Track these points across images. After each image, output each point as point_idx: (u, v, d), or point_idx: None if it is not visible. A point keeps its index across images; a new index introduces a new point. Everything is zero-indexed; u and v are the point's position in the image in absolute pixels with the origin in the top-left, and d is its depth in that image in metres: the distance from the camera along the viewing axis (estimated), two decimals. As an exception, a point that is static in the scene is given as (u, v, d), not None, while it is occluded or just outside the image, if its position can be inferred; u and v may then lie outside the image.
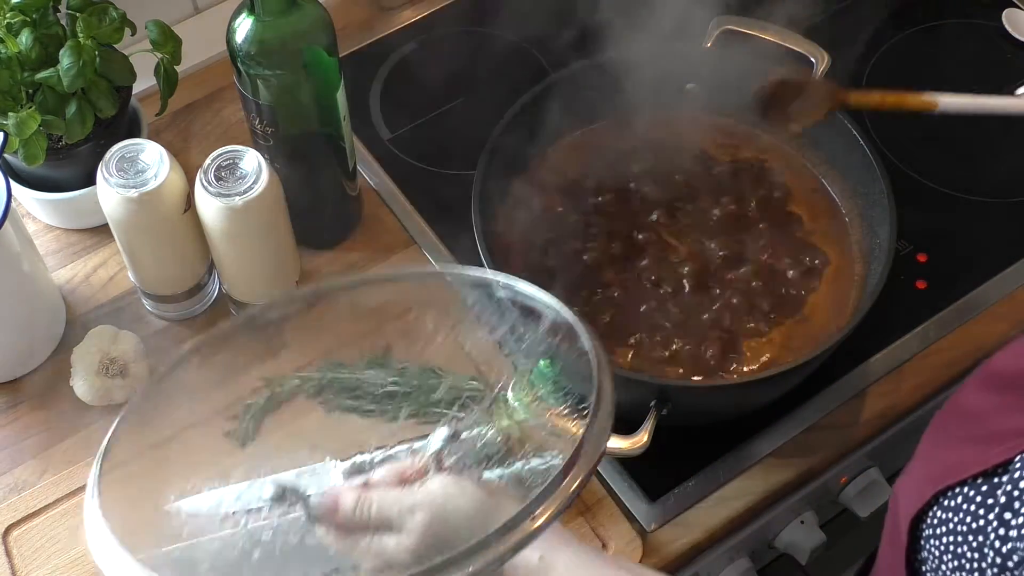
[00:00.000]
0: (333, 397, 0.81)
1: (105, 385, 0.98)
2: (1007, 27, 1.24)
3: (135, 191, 0.92)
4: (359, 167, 1.10)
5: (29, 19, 0.99)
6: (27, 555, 0.93)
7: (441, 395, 0.78)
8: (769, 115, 1.02)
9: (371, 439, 0.76)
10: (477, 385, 0.78)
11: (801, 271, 1.01)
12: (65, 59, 0.97)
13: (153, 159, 0.93)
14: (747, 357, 0.97)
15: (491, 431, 0.74)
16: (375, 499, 0.70)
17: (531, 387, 0.75)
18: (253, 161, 0.93)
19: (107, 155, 0.93)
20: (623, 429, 0.88)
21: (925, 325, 1.05)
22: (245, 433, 0.81)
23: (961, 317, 1.05)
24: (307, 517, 0.71)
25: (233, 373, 0.82)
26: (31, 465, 0.98)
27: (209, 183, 0.92)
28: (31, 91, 1.00)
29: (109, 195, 0.93)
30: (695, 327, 0.98)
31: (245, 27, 0.92)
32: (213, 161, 0.93)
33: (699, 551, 0.96)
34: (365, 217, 1.12)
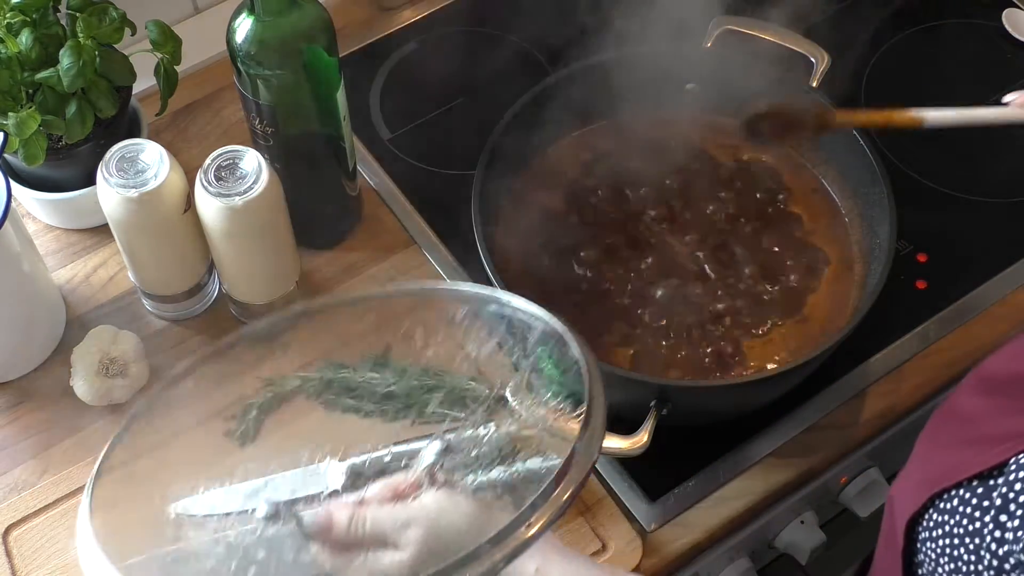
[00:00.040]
0: (333, 397, 0.81)
1: (105, 385, 0.98)
2: (1007, 27, 1.24)
3: (135, 191, 0.92)
4: (359, 167, 1.10)
5: (29, 19, 0.99)
6: (27, 555, 0.93)
7: (441, 396, 0.78)
8: (756, 140, 1.02)
9: (371, 439, 0.76)
10: (477, 386, 0.78)
11: (801, 271, 1.01)
12: (65, 59, 0.97)
13: (153, 159, 0.93)
14: (747, 357, 0.97)
15: (490, 432, 0.74)
16: (369, 515, 0.69)
17: (530, 387, 0.75)
18: (253, 161, 0.93)
19: (107, 155, 0.93)
20: (623, 429, 0.88)
21: (925, 325, 1.05)
22: (245, 433, 0.81)
23: (961, 317, 1.05)
24: (301, 535, 0.70)
25: (232, 376, 0.82)
26: (31, 465, 0.98)
27: (209, 183, 0.92)
28: (31, 91, 1.00)
29: (109, 195, 0.93)
30: (695, 327, 0.98)
31: (245, 27, 0.92)
32: (213, 161, 0.93)
33: (699, 551, 0.96)
34: (365, 217, 1.12)
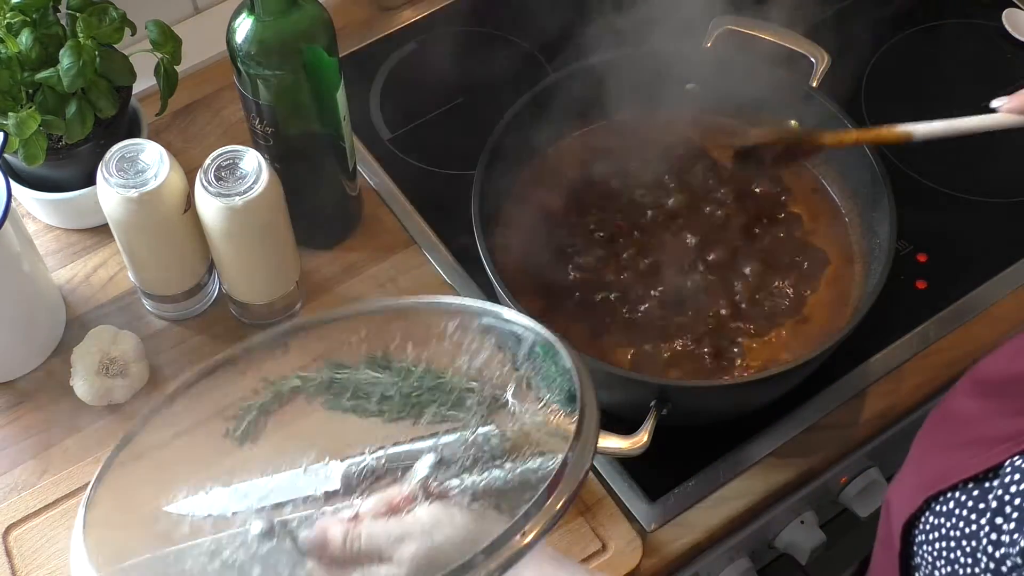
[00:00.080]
0: (333, 397, 0.81)
1: (105, 385, 0.98)
2: (1007, 27, 1.24)
3: (135, 191, 0.92)
4: (359, 167, 1.10)
5: (29, 19, 0.99)
6: (27, 555, 0.93)
7: (441, 396, 0.78)
8: (748, 170, 1.02)
9: (371, 440, 0.76)
10: (477, 386, 0.78)
11: (801, 271, 1.01)
12: (65, 59, 0.97)
13: (153, 159, 0.93)
14: (747, 357, 0.97)
15: (486, 434, 0.74)
16: (364, 531, 0.69)
17: (530, 386, 0.76)
18: (253, 161, 0.93)
19: (107, 155, 0.93)
20: (623, 429, 0.88)
21: (925, 325, 1.05)
22: (245, 433, 0.81)
23: (961, 317, 1.05)
24: (297, 552, 0.70)
25: (232, 377, 0.82)
26: (31, 465, 0.98)
27: (209, 183, 0.92)
28: (31, 91, 1.00)
29: (109, 195, 0.93)
30: (695, 327, 0.98)
31: (245, 27, 0.92)
32: (213, 161, 0.93)
33: (699, 551, 0.96)
34: (365, 217, 1.12)
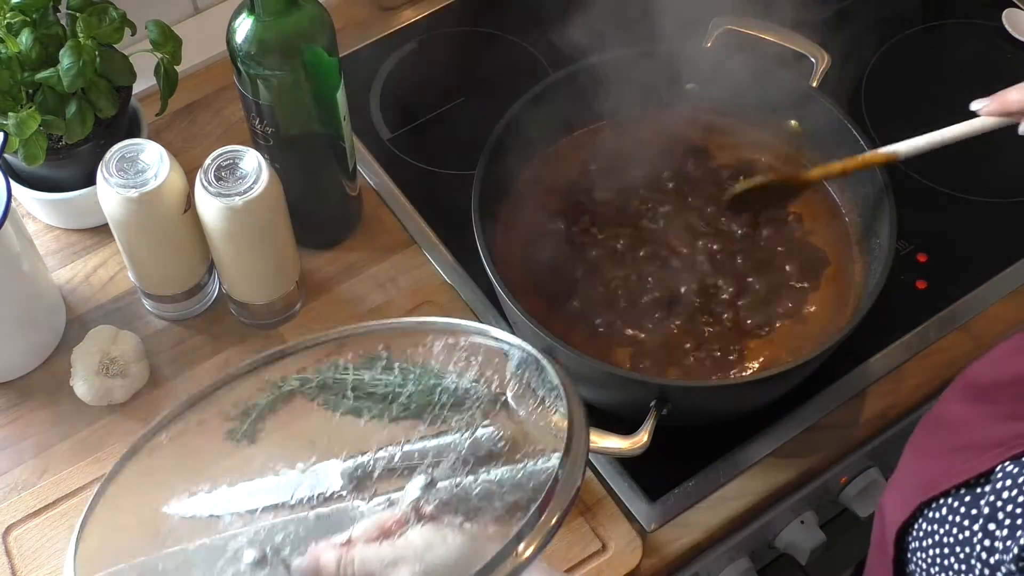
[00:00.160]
0: (333, 397, 0.81)
1: (105, 385, 0.98)
2: (1007, 27, 1.24)
3: (135, 191, 0.92)
4: (359, 167, 1.10)
5: (29, 19, 0.99)
6: (27, 555, 0.93)
7: (441, 395, 0.78)
8: (742, 212, 1.02)
9: (371, 440, 0.76)
10: (477, 385, 0.78)
11: (801, 271, 1.01)
12: (65, 59, 0.97)
13: (153, 159, 0.93)
14: (747, 357, 0.97)
15: (489, 432, 0.74)
16: (357, 556, 0.68)
17: (526, 390, 0.76)
18: (253, 161, 0.93)
19: (107, 155, 0.93)
20: (623, 429, 0.88)
21: (925, 325, 1.05)
22: (245, 434, 0.81)
23: (961, 317, 1.05)
24: None
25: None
26: (31, 465, 0.98)
27: (209, 183, 0.92)
28: (31, 91, 1.00)
29: (109, 195, 0.93)
30: (695, 327, 0.98)
31: (245, 27, 0.92)
32: (213, 161, 0.93)
33: (699, 551, 0.96)
34: (365, 217, 1.12)
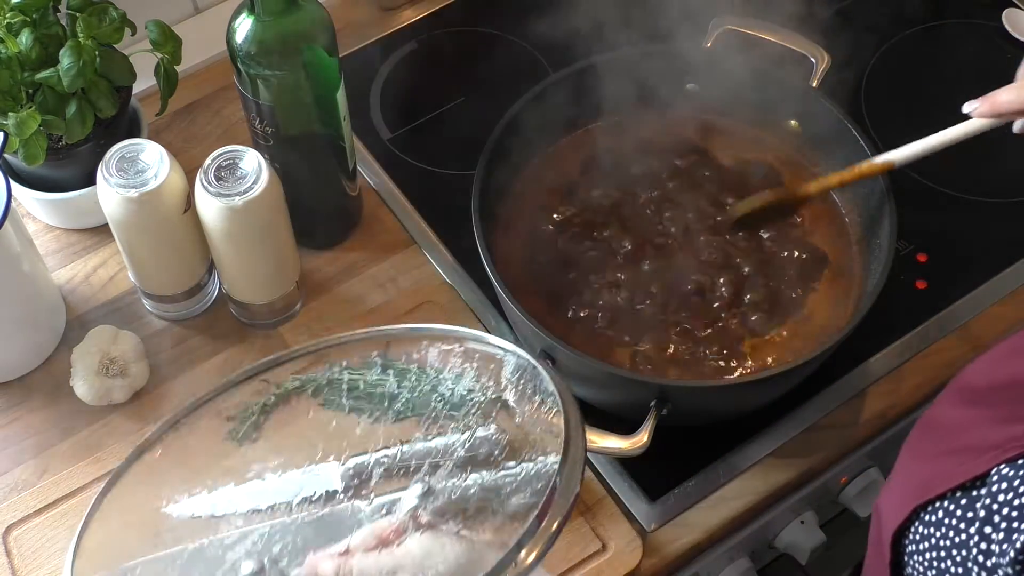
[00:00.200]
0: (333, 398, 0.81)
1: (105, 385, 0.98)
2: (1007, 27, 1.24)
3: (135, 191, 0.92)
4: (359, 167, 1.10)
5: (29, 19, 0.99)
6: (27, 555, 0.93)
7: (439, 399, 0.78)
8: (745, 231, 1.02)
9: (371, 440, 0.76)
10: (474, 391, 0.78)
11: (801, 271, 1.01)
12: (65, 59, 0.97)
13: (153, 159, 0.93)
14: (747, 357, 0.97)
15: (489, 432, 0.74)
16: (355, 566, 0.68)
17: (525, 392, 0.76)
18: (253, 161, 0.93)
19: (107, 155, 0.93)
20: (623, 429, 0.88)
21: (925, 325, 1.05)
22: (245, 434, 0.81)
23: (961, 317, 1.05)
24: None
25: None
26: (31, 465, 0.98)
27: (209, 183, 0.92)
28: (31, 91, 1.00)
29: (109, 195, 0.93)
30: (695, 327, 0.98)
31: (245, 27, 0.92)
32: (213, 161, 0.93)
33: (699, 551, 0.96)
34: (365, 217, 1.12)
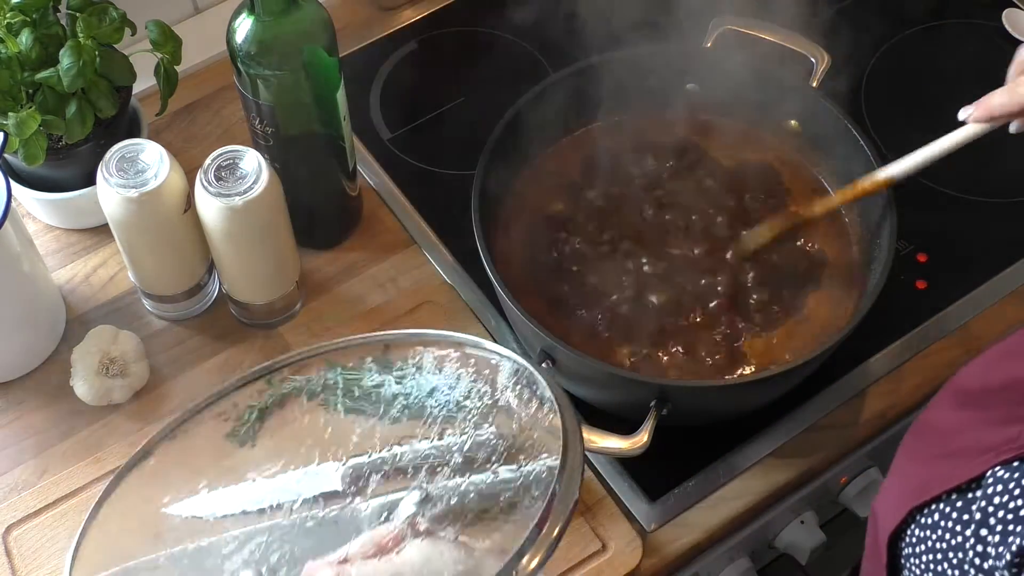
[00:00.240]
0: (333, 398, 0.81)
1: (105, 385, 0.98)
2: (1007, 27, 1.24)
3: (135, 191, 0.92)
4: (359, 167, 1.10)
5: (29, 19, 0.99)
6: (27, 555, 0.93)
7: (438, 399, 0.78)
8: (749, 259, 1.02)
9: (370, 441, 0.76)
10: (472, 394, 0.78)
11: (801, 271, 1.01)
12: (65, 59, 0.97)
13: (153, 159, 0.93)
14: (747, 357, 0.97)
15: (488, 433, 0.74)
16: (353, 575, 0.68)
17: (522, 397, 0.76)
18: (253, 161, 0.93)
19: (107, 155, 0.93)
20: (623, 429, 0.88)
21: (925, 325, 1.05)
22: (245, 435, 0.81)
23: (961, 317, 1.05)
24: None
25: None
26: (31, 465, 0.98)
27: (209, 183, 0.92)
28: (31, 91, 1.00)
29: (109, 195, 0.93)
30: (695, 327, 0.98)
31: (245, 27, 0.92)
32: (213, 161, 0.93)
33: (699, 551, 0.96)
34: (365, 217, 1.12)
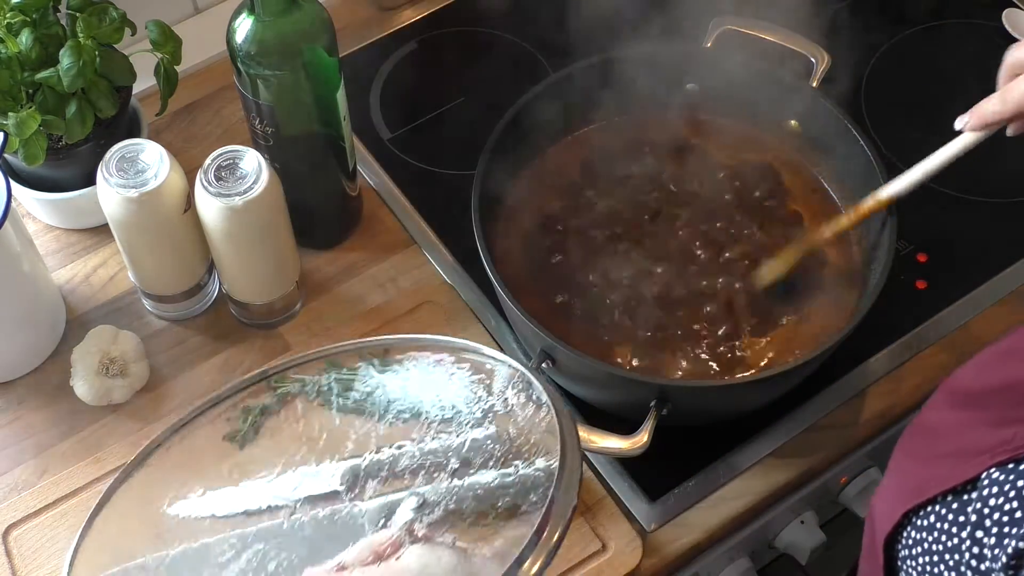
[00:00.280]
0: (333, 399, 0.81)
1: (105, 385, 0.98)
2: (1007, 27, 1.24)
3: (135, 191, 0.92)
4: (359, 167, 1.10)
5: (29, 19, 0.99)
6: (27, 555, 0.93)
7: (436, 402, 0.78)
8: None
9: (369, 442, 0.76)
10: (472, 394, 0.78)
11: (801, 271, 1.01)
12: (65, 59, 0.97)
13: (153, 159, 0.93)
14: (747, 357, 0.97)
15: (488, 433, 0.74)
16: None
17: (524, 390, 0.76)
18: (253, 161, 0.93)
19: (107, 155, 0.93)
20: (623, 429, 0.88)
21: (925, 325, 1.05)
22: (245, 436, 0.81)
23: (961, 317, 1.05)
24: None
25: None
26: (31, 465, 0.98)
27: (209, 183, 0.92)
28: (31, 91, 1.00)
29: (109, 195, 0.93)
30: (695, 327, 0.98)
31: (245, 27, 0.92)
32: (213, 161, 0.93)
33: (699, 551, 0.96)
34: (365, 217, 1.12)
